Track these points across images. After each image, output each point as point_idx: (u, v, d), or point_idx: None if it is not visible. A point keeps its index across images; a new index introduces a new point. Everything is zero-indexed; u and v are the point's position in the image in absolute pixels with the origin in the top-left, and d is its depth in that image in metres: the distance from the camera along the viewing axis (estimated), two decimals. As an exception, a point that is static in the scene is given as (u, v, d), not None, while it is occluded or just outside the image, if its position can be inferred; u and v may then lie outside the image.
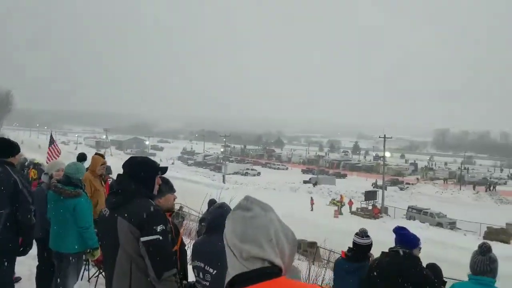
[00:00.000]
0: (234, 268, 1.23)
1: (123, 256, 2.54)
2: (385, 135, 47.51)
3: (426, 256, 5.40)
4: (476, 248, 3.39)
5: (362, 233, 4.30)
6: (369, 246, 4.30)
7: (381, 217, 39.82)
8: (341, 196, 46.82)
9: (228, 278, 1.24)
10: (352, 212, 41.91)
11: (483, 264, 3.20)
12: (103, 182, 6.17)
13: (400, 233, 3.67)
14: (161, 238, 2.51)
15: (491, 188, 66.96)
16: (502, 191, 65.84)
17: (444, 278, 5.15)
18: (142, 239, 2.47)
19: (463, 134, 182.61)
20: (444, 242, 29.02)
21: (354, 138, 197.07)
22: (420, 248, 3.69)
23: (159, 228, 2.52)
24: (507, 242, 30.84)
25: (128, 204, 2.60)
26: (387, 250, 3.71)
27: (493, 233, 32.07)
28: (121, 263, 2.55)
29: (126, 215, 2.55)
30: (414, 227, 32.14)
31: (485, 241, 3.46)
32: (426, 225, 35.80)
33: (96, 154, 6.69)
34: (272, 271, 1.21)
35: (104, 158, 6.52)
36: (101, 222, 2.83)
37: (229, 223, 1.28)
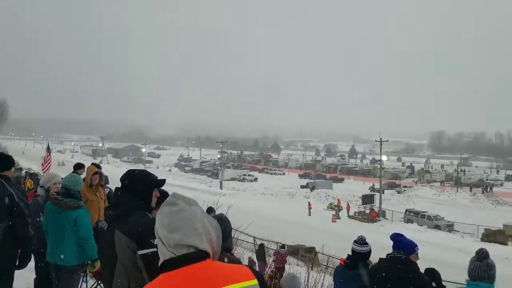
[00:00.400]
0: (164, 255, 1.45)
1: (120, 269, 2.54)
2: (381, 138, 47.65)
3: (424, 259, 5.42)
4: (473, 251, 3.41)
5: (361, 241, 4.29)
6: (368, 253, 4.30)
7: (379, 220, 39.87)
8: (338, 200, 46.87)
9: (159, 263, 1.46)
10: (350, 216, 41.91)
11: (481, 270, 3.23)
12: (98, 192, 6.15)
13: (397, 239, 3.70)
14: (157, 250, 2.51)
15: (488, 189, 67.23)
16: (498, 192, 66.11)
17: (442, 282, 5.16)
18: (139, 252, 2.47)
19: (458, 136, 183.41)
20: (442, 245, 29.08)
21: (351, 142, 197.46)
22: (417, 254, 3.71)
23: (155, 241, 2.52)
24: (504, 243, 30.92)
25: (126, 218, 2.61)
26: (385, 256, 3.72)
27: (490, 235, 32.15)
28: (119, 276, 2.55)
29: (123, 228, 2.56)
30: (412, 230, 32.37)
31: (483, 247, 3.47)
32: (424, 228, 35.89)
33: (92, 164, 6.69)
34: (198, 256, 1.41)
35: (100, 168, 6.50)
36: (100, 235, 2.84)
37: (158, 217, 1.50)
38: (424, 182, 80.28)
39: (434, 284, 4.44)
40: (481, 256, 3.29)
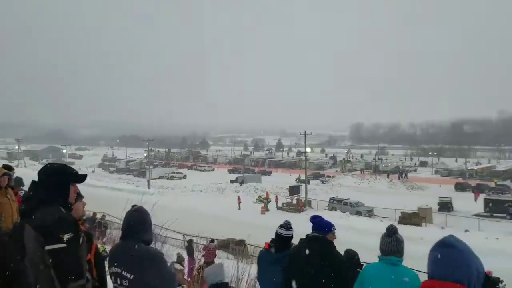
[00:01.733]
0: None
1: (28, 266, 2.40)
2: (305, 131, 49.53)
3: (347, 242, 5.75)
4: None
5: (287, 225, 4.43)
6: (292, 237, 4.46)
7: (306, 210, 41.17)
8: (267, 193, 47.72)
9: None
10: (278, 208, 42.86)
11: (391, 245, 3.40)
12: (9, 194, 5.76)
13: (315, 221, 3.90)
14: (67, 247, 2.41)
15: (403, 175, 72.15)
16: (412, 177, 71.37)
17: (362, 262, 5.48)
18: (47, 247, 2.34)
19: (376, 127, 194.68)
20: (363, 229, 30.68)
21: (277, 136, 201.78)
22: (334, 233, 3.91)
23: (65, 237, 2.41)
24: (419, 225, 33.38)
25: (36, 211, 2.49)
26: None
27: (406, 218, 34.53)
28: (27, 274, 2.41)
29: (32, 222, 2.43)
30: (336, 217, 33.85)
31: (392, 223, 3.72)
32: (347, 214, 37.71)
33: (2, 165, 6.24)
34: None
35: (11, 169, 6.09)
36: (12, 231, 2.67)
37: None
38: (346, 171, 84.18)
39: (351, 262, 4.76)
40: (391, 232, 3.49)
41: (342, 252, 4.80)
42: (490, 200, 40.93)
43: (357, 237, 25.22)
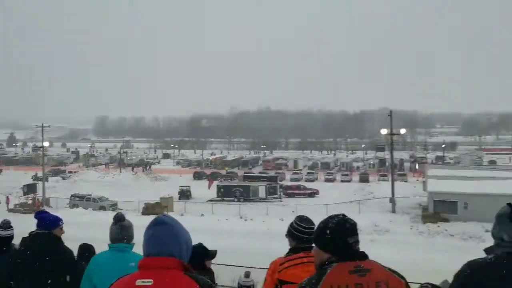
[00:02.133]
0: None
1: None
2: (43, 124, 46.85)
3: (88, 238, 5.82)
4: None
5: (6, 224, 4.22)
6: (12, 237, 4.26)
7: (43, 209, 37.94)
8: (-6, 194, 41.88)
9: None
10: (10, 210, 38.35)
11: (116, 232, 3.63)
12: None
13: (40, 216, 3.84)
14: None
15: (147, 168, 74.59)
16: (156, 169, 74.60)
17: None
18: None
19: (121, 120, 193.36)
20: (107, 224, 30.47)
21: (9, 130, 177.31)
22: (62, 228, 3.90)
23: None
24: (161, 213, 35.36)
25: None
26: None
27: (149, 208, 35.99)
28: None
29: None
30: (78, 214, 32.71)
31: (119, 211, 4.02)
32: (90, 210, 36.78)
33: None
34: None
35: None
36: None
37: None
38: (89, 166, 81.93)
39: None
40: (116, 220, 3.76)
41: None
42: (222, 186, 46.95)
43: (102, 232, 24.87)
